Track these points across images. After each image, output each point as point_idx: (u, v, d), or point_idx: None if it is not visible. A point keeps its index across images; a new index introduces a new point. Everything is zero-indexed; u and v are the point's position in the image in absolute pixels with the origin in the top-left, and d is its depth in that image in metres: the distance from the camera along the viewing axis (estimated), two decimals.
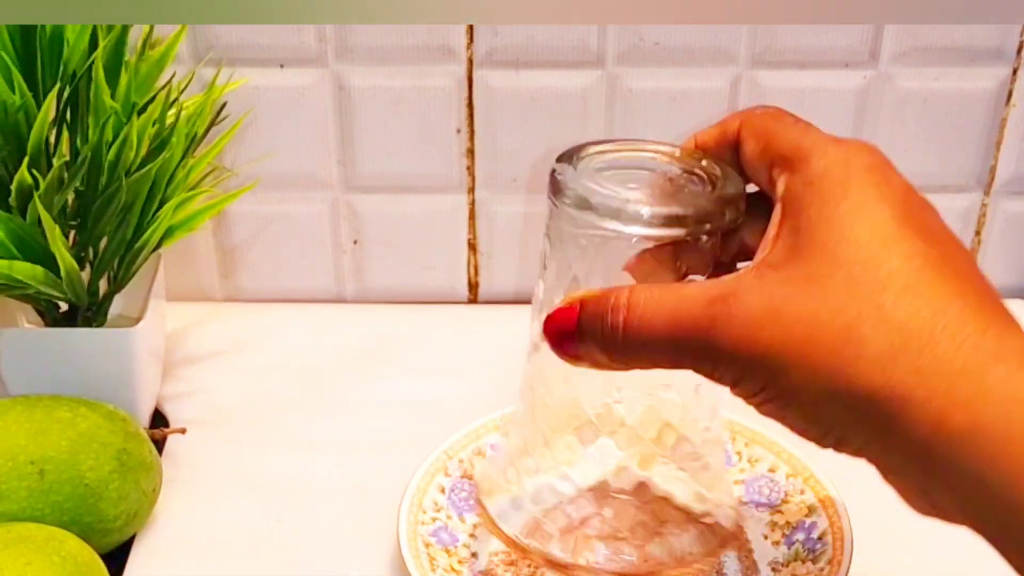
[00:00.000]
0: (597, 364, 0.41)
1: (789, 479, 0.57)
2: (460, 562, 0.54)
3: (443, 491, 0.57)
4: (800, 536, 0.55)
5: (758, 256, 0.39)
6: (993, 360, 0.34)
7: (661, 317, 0.38)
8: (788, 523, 0.56)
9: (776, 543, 0.55)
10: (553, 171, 0.43)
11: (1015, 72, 0.67)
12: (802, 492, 0.56)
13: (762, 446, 0.59)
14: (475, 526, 0.56)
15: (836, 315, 0.35)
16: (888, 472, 0.37)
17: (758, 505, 0.57)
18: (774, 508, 0.57)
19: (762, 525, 0.56)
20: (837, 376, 0.35)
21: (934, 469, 0.34)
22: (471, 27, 0.65)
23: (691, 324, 0.38)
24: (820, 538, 0.54)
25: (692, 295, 0.38)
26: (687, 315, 0.38)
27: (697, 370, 0.39)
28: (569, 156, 0.44)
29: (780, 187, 0.40)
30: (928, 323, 0.35)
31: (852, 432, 0.36)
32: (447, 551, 0.54)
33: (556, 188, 0.43)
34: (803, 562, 0.53)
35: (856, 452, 0.37)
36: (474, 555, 0.55)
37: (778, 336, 0.36)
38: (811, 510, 0.55)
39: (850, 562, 0.52)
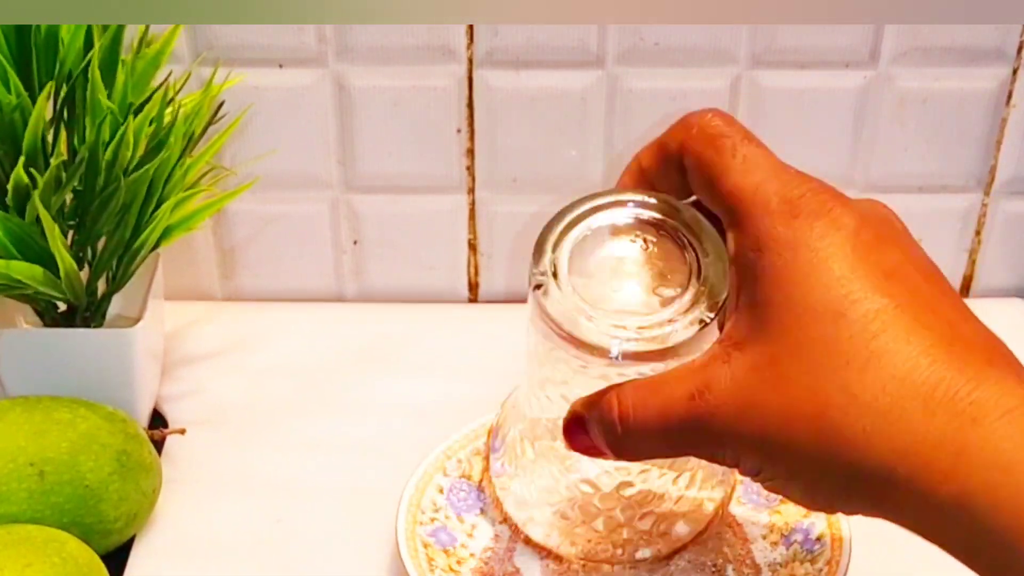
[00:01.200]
0: (610, 456, 0.42)
1: None
2: (459, 562, 0.54)
3: (442, 491, 0.57)
4: (798, 537, 0.55)
5: (725, 328, 0.39)
6: (969, 424, 0.33)
7: (652, 418, 0.39)
8: (786, 524, 0.56)
9: (774, 544, 0.55)
10: (532, 281, 0.43)
11: (1015, 72, 0.67)
12: None
13: None
14: (473, 526, 0.56)
15: (806, 403, 0.35)
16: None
17: (756, 506, 0.57)
18: (772, 509, 0.57)
19: (760, 526, 0.56)
20: (821, 459, 0.35)
21: (931, 534, 0.35)
22: (471, 27, 0.65)
23: (678, 421, 0.38)
24: (818, 539, 0.54)
25: (673, 393, 0.38)
26: (673, 414, 0.38)
27: (699, 455, 0.40)
28: (541, 250, 0.43)
29: (730, 245, 0.39)
30: (897, 394, 0.34)
31: (851, 504, 0.37)
32: (445, 551, 0.54)
33: (540, 307, 0.43)
34: (801, 563, 0.53)
35: (866, 515, 0.37)
36: (472, 555, 0.55)
37: (757, 429, 0.37)
38: (809, 511, 0.55)
39: (848, 563, 0.52)
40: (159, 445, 0.61)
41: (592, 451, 0.42)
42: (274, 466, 0.62)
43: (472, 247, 0.72)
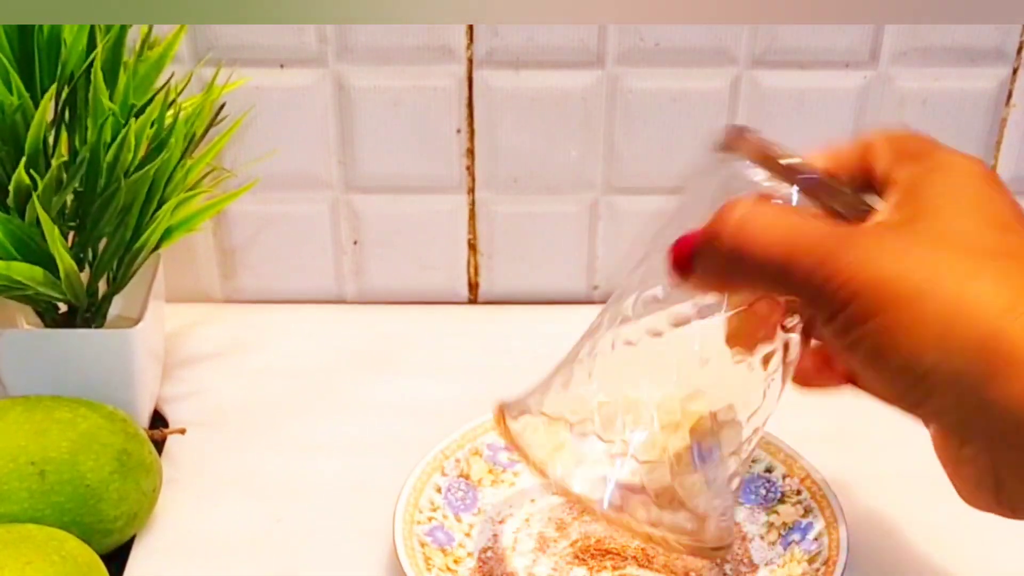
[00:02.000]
0: (707, 284, 0.42)
1: (785, 480, 0.57)
2: (456, 561, 0.54)
3: (439, 491, 0.57)
4: (796, 536, 0.55)
5: (873, 221, 0.40)
6: None
7: (777, 233, 0.39)
8: (784, 524, 0.56)
9: (772, 543, 0.55)
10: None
11: (1015, 72, 0.67)
12: (798, 493, 0.56)
13: (759, 447, 0.59)
14: (471, 526, 0.56)
15: (959, 263, 0.36)
16: (964, 444, 0.37)
17: (754, 506, 0.57)
18: (770, 509, 0.57)
19: (758, 525, 0.56)
20: (954, 316, 0.35)
21: (1020, 442, 0.34)
22: (471, 27, 0.65)
23: (807, 245, 0.38)
24: (816, 539, 0.54)
25: (811, 221, 0.39)
26: (804, 236, 0.38)
27: (799, 294, 0.39)
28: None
29: (902, 174, 0.41)
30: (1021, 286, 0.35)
31: (945, 385, 0.36)
32: (443, 551, 0.54)
33: None
34: (799, 563, 0.53)
35: (936, 414, 0.37)
36: (470, 555, 0.55)
37: (900, 271, 0.36)
38: (807, 511, 0.55)
39: (846, 563, 0.52)
40: (159, 445, 0.61)
41: (683, 278, 0.42)
42: (274, 466, 0.62)
43: (472, 247, 0.72)
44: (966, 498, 0.39)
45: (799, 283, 0.38)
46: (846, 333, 0.37)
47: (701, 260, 0.41)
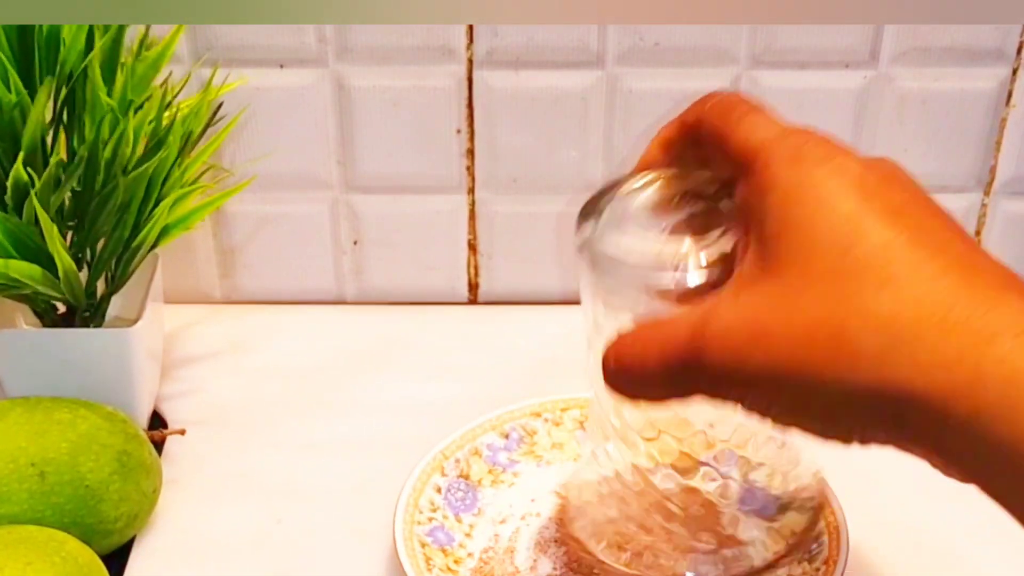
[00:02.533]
0: (635, 403, 0.42)
1: None
2: (456, 562, 0.54)
3: (439, 491, 0.57)
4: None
5: (734, 272, 0.39)
6: (986, 342, 0.33)
7: (651, 353, 0.39)
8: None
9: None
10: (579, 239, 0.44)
11: (1015, 72, 0.67)
12: None
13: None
14: (472, 526, 0.56)
15: (821, 326, 0.35)
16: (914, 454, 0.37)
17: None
18: None
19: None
20: (839, 382, 0.35)
21: (948, 456, 0.34)
22: (471, 27, 0.65)
23: (679, 355, 0.38)
24: (816, 538, 0.54)
25: (675, 326, 0.38)
26: (673, 347, 0.38)
27: (703, 396, 0.39)
28: (586, 213, 0.44)
29: (738, 196, 0.40)
30: (913, 315, 0.34)
31: (871, 429, 0.36)
32: (443, 551, 0.54)
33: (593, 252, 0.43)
34: (799, 562, 0.53)
35: (883, 444, 0.37)
36: (470, 555, 0.55)
37: (769, 358, 0.36)
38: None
39: (846, 562, 0.52)
40: (159, 445, 0.61)
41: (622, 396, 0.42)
42: (274, 466, 0.62)
43: (472, 247, 0.72)
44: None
45: (696, 392, 0.39)
46: (762, 415, 0.38)
47: (608, 379, 0.41)
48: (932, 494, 0.60)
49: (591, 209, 0.44)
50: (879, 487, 0.60)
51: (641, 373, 0.39)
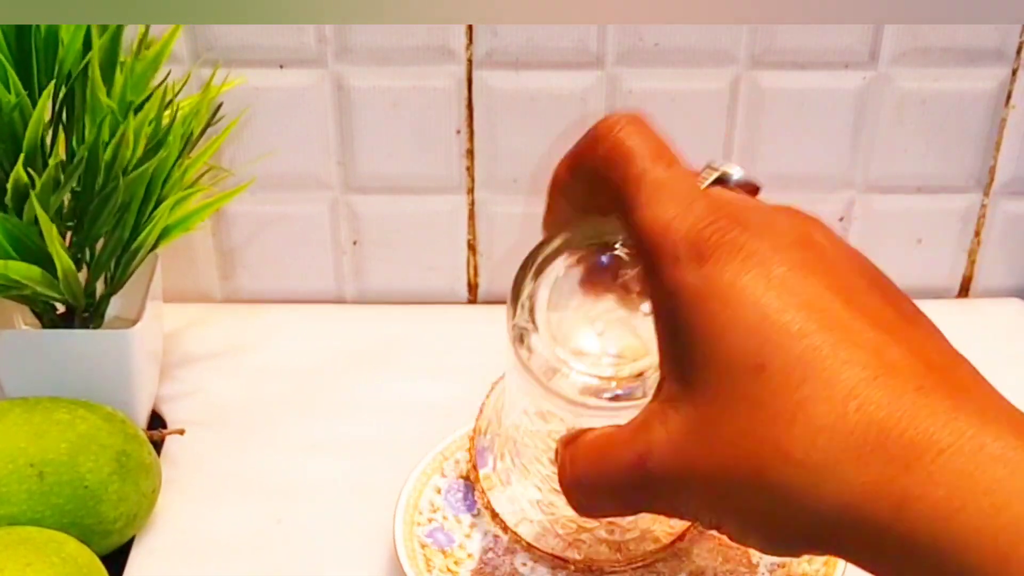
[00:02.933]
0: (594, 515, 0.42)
1: None
2: (456, 563, 0.54)
3: (439, 492, 0.57)
4: None
5: (660, 382, 0.37)
6: (904, 471, 0.32)
7: (602, 484, 0.38)
8: None
9: None
10: (511, 334, 0.43)
11: (1015, 72, 0.67)
12: None
13: None
14: (472, 527, 0.56)
15: (742, 464, 0.34)
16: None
17: None
18: None
19: None
20: (769, 514, 0.34)
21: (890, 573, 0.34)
22: (471, 27, 0.65)
23: (626, 486, 0.37)
24: None
25: (619, 459, 0.37)
26: (620, 480, 0.37)
27: (655, 511, 0.39)
28: (516, 298, 0.43)
29: (649, 292, 0.37)
30: (828, 450, 0.33)
31: (811, 550, 0.35)
32: (443, 552, 0.54)
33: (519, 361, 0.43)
34: (799, 562, 0.53)
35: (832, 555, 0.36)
36: (470, 556, 0.55)
37: (700, 491, 0.36)
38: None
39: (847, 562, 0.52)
40: (158, 446, 0.61)
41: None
42: (273, 466, 0.62)
43: (472, 248, 0.72)
44: None
45: (652, 511, 0.39)
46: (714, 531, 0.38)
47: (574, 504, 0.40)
48: None
49: (517, 294, 0.43)
50: None
51: (596, 498, 0.39)
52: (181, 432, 0.61)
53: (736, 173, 0.39)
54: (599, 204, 0.40)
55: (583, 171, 0.40)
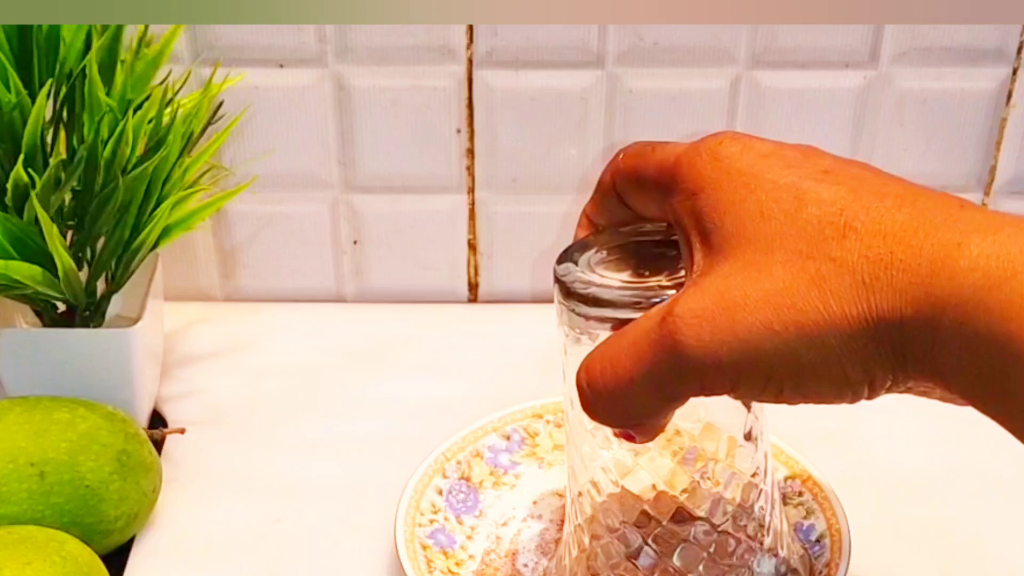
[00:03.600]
0: (629, 432, 0.41)
1: (787, 481, 0.57)
2: (457, 564, 0.54)
3: (440, 493, 0.57)
4: (798, 538, 0.55)
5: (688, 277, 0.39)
6: (955, 248, 0.34)
7: (622, 360, 0.38)
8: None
9: None
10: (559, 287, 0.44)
11: (1015, 72, 0.67)
12: (800, 494, 0.56)
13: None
14: (473, 528, 0.56)
15: (796, 279, 0.35)
16: (918, 390, 0.38)
17: None
18: None
19: None
20: (831, 326, 0.35)
21: (948, 375, 0.34)
22: (471, 27, 0.65)
23: (652, 357, 0.37)
24: (818, 540, 0.54)
25: (641, 327, 0.38)
26: (645, 351, 0.37)
27: (693, 394, 0.38)
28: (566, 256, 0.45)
29: (671, 214, 0.40)
30: (883, 248, 0.35)
31: (872, 368, 0.35)
32: (444, 553, 0.54)
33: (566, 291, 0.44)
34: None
35: (887, 388, 0.37)
36: (471, 557, 0.55)
37: (750, 323, 0.35)
38: (809, 512, 0.55)
39: (848, 564, 0.52)
40: (159, 445, 0.61)
41: (617, 434, 0.42)
42: (274, 466, 0.62)
43: (472, 247, 0.72)
44: None
45: (684, 392, 0.38)
46: (761, 397, 0.37)
47: (587, 412, 0.40)
48: (933, 494, 0.60)
49: (565, 257, 0.45)
50: (880, 487, 0.60)
51: (616, 385, 0.38)
52: (182, 431, 0.61)
53: None
54: (625, 217, 0.44)
55: (607, 190, 0.44)
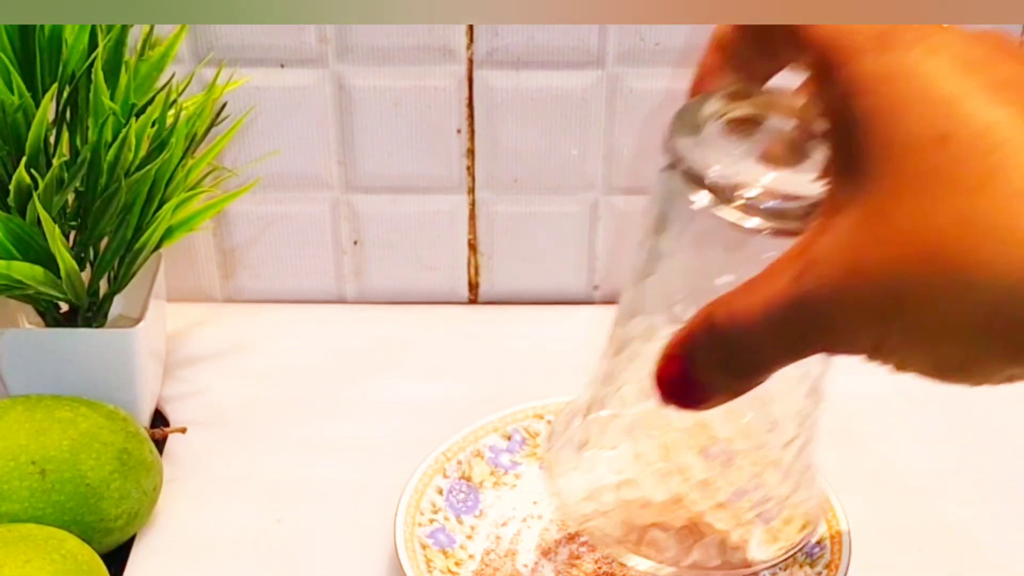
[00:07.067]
0: (724, 392, 0.38)
1: None
2: (457, 564, 0.54)
3: (441, 492, 0.57)
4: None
5: (826, 194, 0.35)
6: None
7: (756, 315, 0.35)
8: None
9: None
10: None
11: None
12: None
13: None
14: (473, 528, 0.56)
15: (917, 246, 0.31)
16: None
17: None
18: None
19: None
20: (943, 305, 0.31)
21: None
22: (471, 27, 0.65)
23: (783, 309, 0.34)
24: (818, 542, 0.54)
25: (775, 281, 0.34)
26: (777, 303, 0.34)
27: (814, 350, 0.35)
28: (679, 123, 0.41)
29: (819, 100, 0.35)
30: (1019, 213, 0.30)
31: (987, 352, 0.32)
32: (444, 553, 0.54)
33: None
34: (800, 566, 0.53)
35: (1003, 367, 0.33)
36: (471, 557, 0.55)
37: (867, 291, 0.32)
38: None
39: (848, 566, 0.52)
40: (160, 444, 0.61)
41: (690, 398, 0.38)
42: (274, 466, 0.62)
43: (472, 247, 0.73)
44: None
45: (810, 350, 0.35)
46: (877, 352, 0.34)
47: (702, 373, 0.37)
48: (934, 494, 0.60)
49: (681, 123, 0.41)
50: (881, 487, 0.60)
51: (751, 337, 0.35)
52: (183, 430, 0.62)
53: None
54: (757, 55, 0.40)
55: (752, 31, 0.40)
